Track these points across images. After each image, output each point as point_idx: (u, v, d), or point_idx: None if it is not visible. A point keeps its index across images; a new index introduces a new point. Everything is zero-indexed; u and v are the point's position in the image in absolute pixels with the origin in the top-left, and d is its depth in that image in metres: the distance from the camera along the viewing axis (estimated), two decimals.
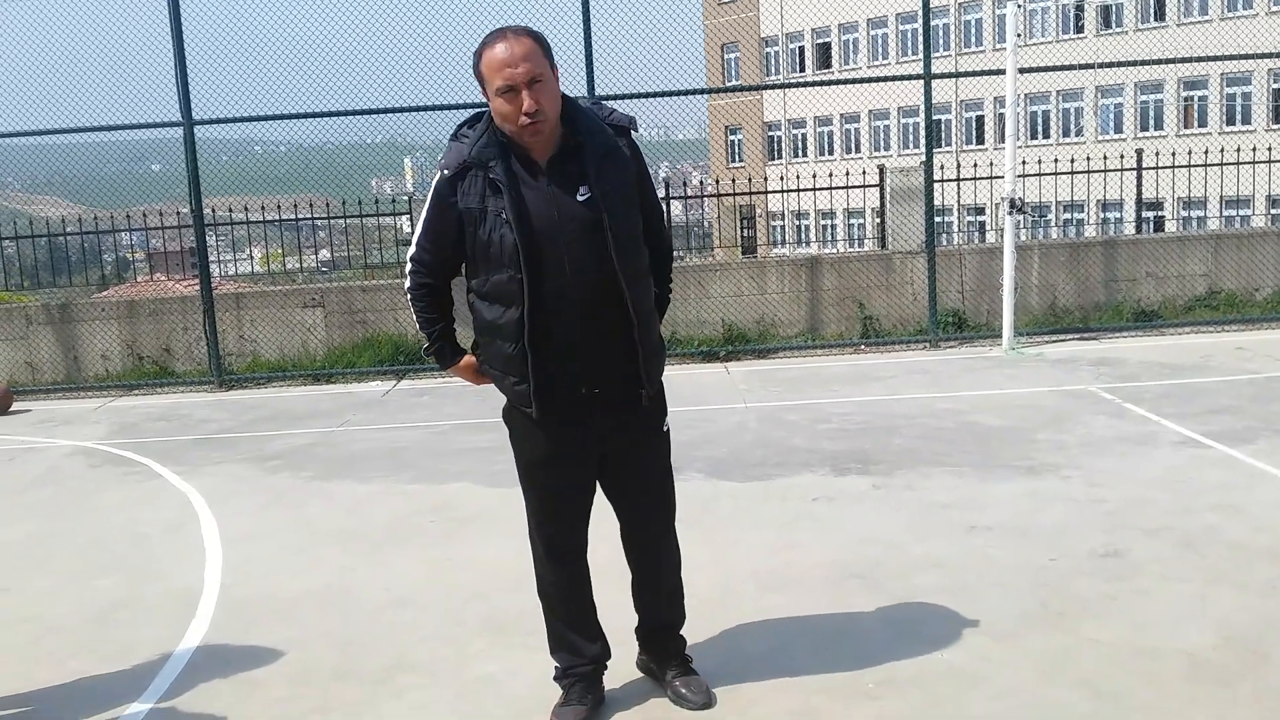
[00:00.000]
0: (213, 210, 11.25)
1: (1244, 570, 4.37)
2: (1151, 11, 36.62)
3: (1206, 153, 11.52)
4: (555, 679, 3.51)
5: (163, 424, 8.88)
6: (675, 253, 14.93)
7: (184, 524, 5.93)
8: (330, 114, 10.71)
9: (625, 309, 3.13)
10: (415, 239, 3.27)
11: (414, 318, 3.38)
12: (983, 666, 3.64)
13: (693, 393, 8.65)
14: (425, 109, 10.79)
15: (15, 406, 9.96)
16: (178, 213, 11.24)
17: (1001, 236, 10.08)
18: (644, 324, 3.19)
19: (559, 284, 3.06)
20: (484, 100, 3.14)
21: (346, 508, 6.08)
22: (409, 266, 3.31)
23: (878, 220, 11.64)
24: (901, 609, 4.18)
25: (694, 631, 3.87)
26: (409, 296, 3.34)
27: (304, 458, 7.33)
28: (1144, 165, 11.60)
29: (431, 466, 6.86)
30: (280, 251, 16.31)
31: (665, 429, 3.44)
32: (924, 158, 10.52)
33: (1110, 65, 10.75)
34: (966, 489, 5.70)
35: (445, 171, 3.13)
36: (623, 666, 3.64)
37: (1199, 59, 12.18)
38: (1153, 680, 3.49)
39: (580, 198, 3.07)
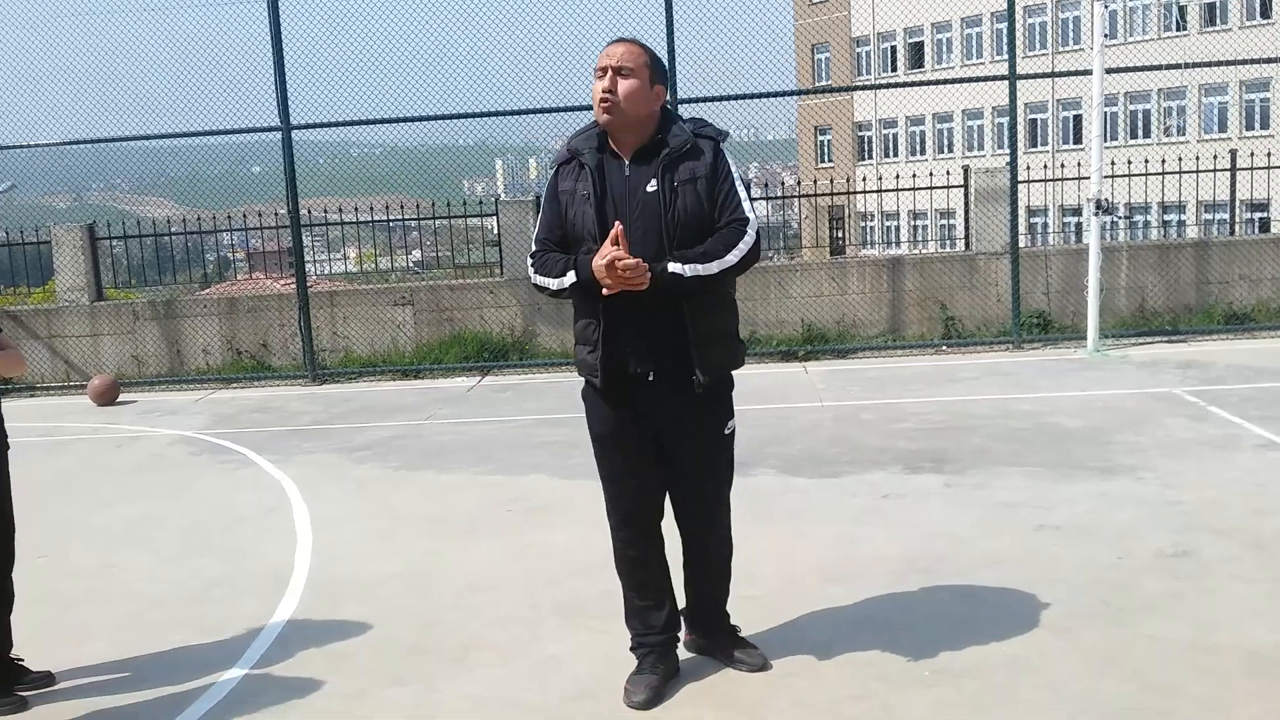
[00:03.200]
0: (309, 211, 11.68)
1: None
2: (1257, 8, 35.44)
3: None
4: (631, 648, 3.71)
5: (259, 415, 9.27)
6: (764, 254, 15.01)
7: (277, 509, 6.23)
8: (421, 118, 11.07)
9: (679, 303, 3.35)
10: (534, 234, 3.57)
11: (546, 281, 3.42)
12: (1037, 658, 3.70)
13: (770, 391, 8.74)
14: (515, 113, 11.09)
15: (122, 397, 10.47)
16: (275, 214, 11.68)
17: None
18: (697, 312, 3.38)
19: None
20: (572, 105, 3.47)
21: (429, 496, 6.33)
22: (532, 251, 3.52)
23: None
24: (962, 602, 4.25)
25: (757, 619, 4.02)
26: (533, 270, 3.48)
27: (390, 449, 7.61)
28: (1238, 166, 11.34)
29: (511, 459, 7.08)
30: (373, 251, 16.77)
31: (727, 431, 3.60)
32: (1010, 158, 10.45)
33: (1189, 65, 10.58)
34: (1038, 489, 5.71)
35: (555, 165, 3.55)
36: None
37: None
38: (1208, 674, 3.51)
39: (649, 188, 3.38)
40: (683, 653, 3.79)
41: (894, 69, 44.07)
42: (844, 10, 44.50)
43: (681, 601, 3.81)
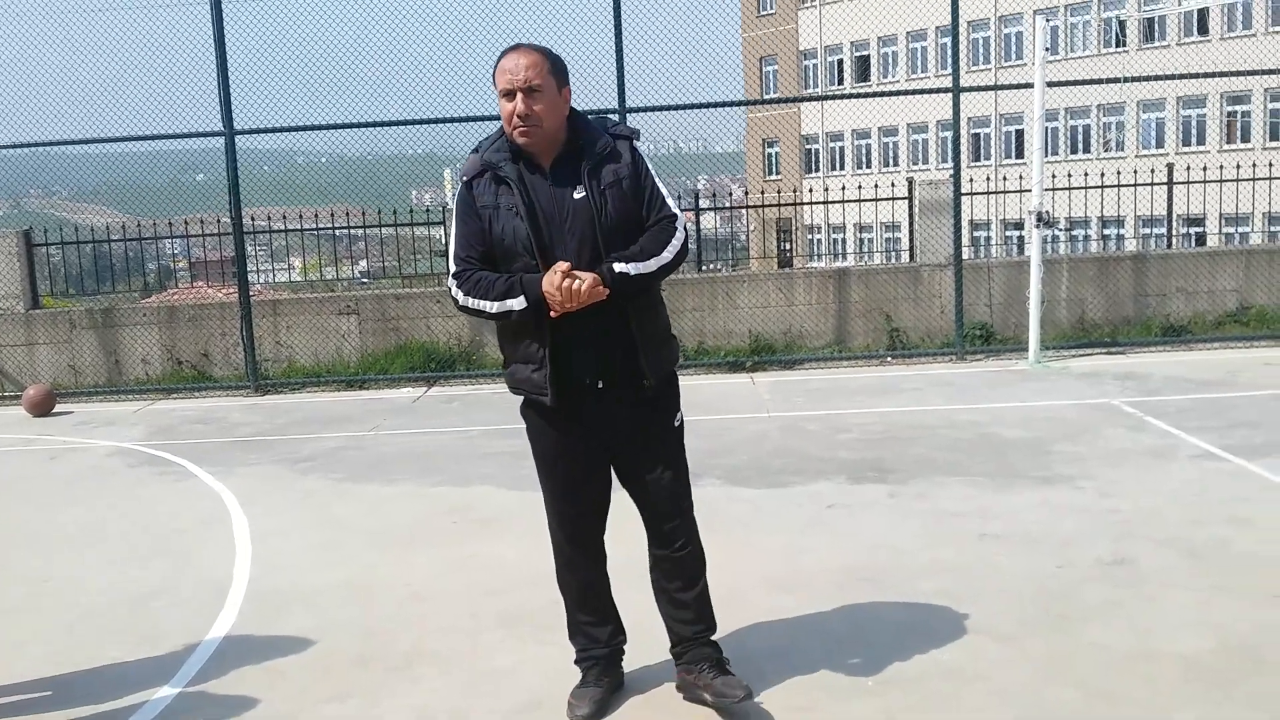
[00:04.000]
0: (252, 219, 11.51)
1: (1249, 580, 4.42)
2: (1195, 26, 36.31)
3: (1238, 168, 11.48)
4: (575, 662, 3.68)
5: (199, 426, 9.11)
6: (708, 265, 15.11)
7: (216, 521, 6.13)
8: (365, 125, 10.95)
9: (624, 308, 3.30)
10: (452, 251, 3.42)
11: (481, 304, 3.32)
12: (982, 666, 3.73)
13: (716, 402, 8.76)
14: (461, 120, 11.01)
15: (57, 408, 10.24)
16: (218, 221, 11.51)
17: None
18: (640, 315, 3.36)
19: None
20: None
21: (373, 507, 6.26)
22: (453, 271, 3.38)
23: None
24: (906, 612, 4.27)
25: None
26: (461, 292, 3.36)
27: (334, 460, 7.52)
28: (1175, 180, 11.59)
29: (457, 470, 7.02)
30: (319, 261, 16.60)
31: (676, 424, 3.55)
32: (953, 170, 10.59)
33: (1128, 80, 10.74)
34: (980, 498, 5.78)
35: (464, 178, 3.40)
36: (635, 653, 3.76)
37: (1235, 73, 12.15)
38: (1148, 682, 3.57)
39: (576, 195, 3.32)
40: (628, 664, 3.77)
41: (841, 82, 44.52)
42: (791, 23, 44.92)
43: (645, 613, 3.74)
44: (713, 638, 3.62)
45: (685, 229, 3.40)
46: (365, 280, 18.15)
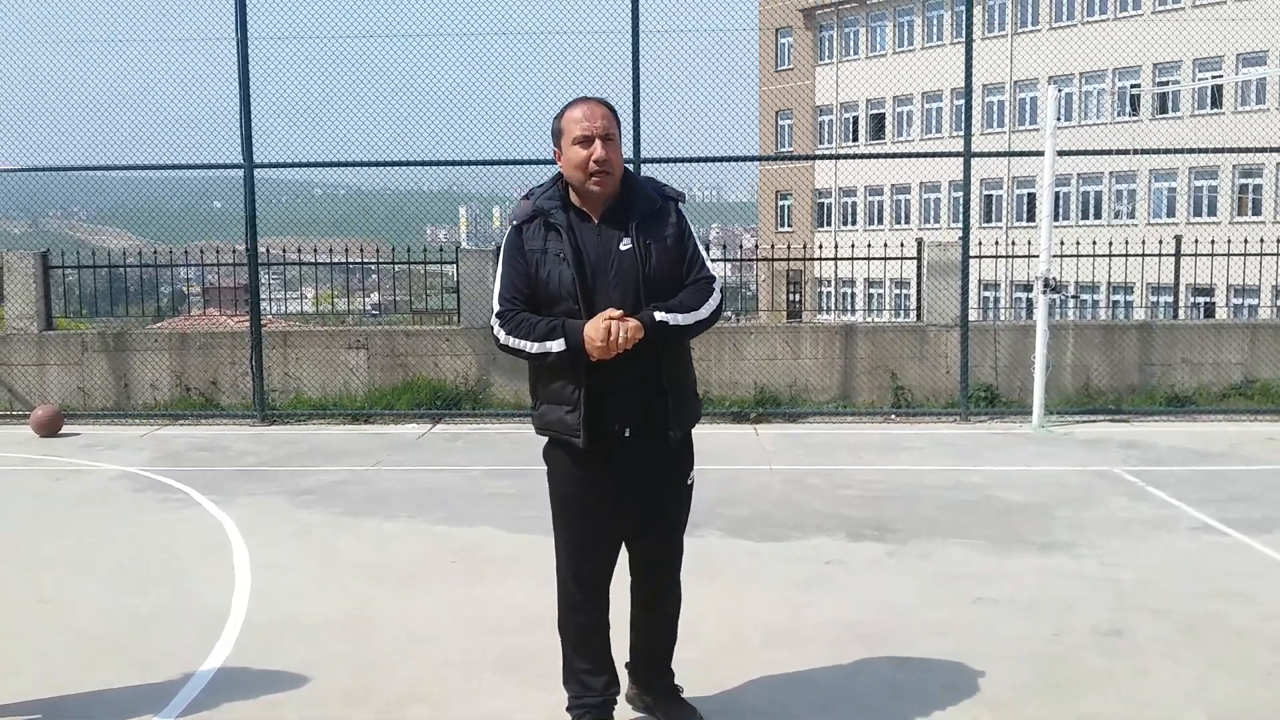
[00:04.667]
0: (267, 250, 11.62)
1: (1244, 656, 4.42)
2: (1208, 99, 36.64)
3: (1246, 242, 11.55)
4: (568, 709, 3.70)
5: (204, 454, 9.15)
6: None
7: (216, 550, 6.15)
8: (381, 164, 11.12)
9: (656, 358, 3.42)
10: (498, 292, 3.49)
11: (522, 344, 3.39)
12: None
13: (720, 452, 8.78)
14: (479, 163, 11.18)
15: (65, 429, 10.30)
16: (234, 250, 11.62)
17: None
18: (673, 368, 3.49)
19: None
20: (539, 158, 3.47)
21: (372, 544, 6.27)
22: (497, 310, 3.46)
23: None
24: (902, 672, 4.28)
25: (698, 681, 4.01)
26: (504, 331, 3.42)
27: (336, 494, 7.54)
28: (1182, 252, 11.66)
29: (459, 509, 7.04)
30: (331, 293, 16.70)
31: (690, 481, 3.68)
32: (962, 233, 10.69)
33: (1139, 152, 10.87)
34: (980, 561, 5.78)
35: (514, 222, 3.52)
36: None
37: (1246, 149, 12.26)
38: None
39: (623, 246, 3.44)
40: (622, 709, 3.78)
41: (855, 138, 44.91)
42: (808, 79, 45.40)
43: (622, 653, 3.81)
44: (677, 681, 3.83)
45: (722, 291, 3.55)
46: (376, 313, 18.25)
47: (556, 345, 3.34)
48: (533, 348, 3.38)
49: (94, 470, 8.52)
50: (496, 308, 3.48)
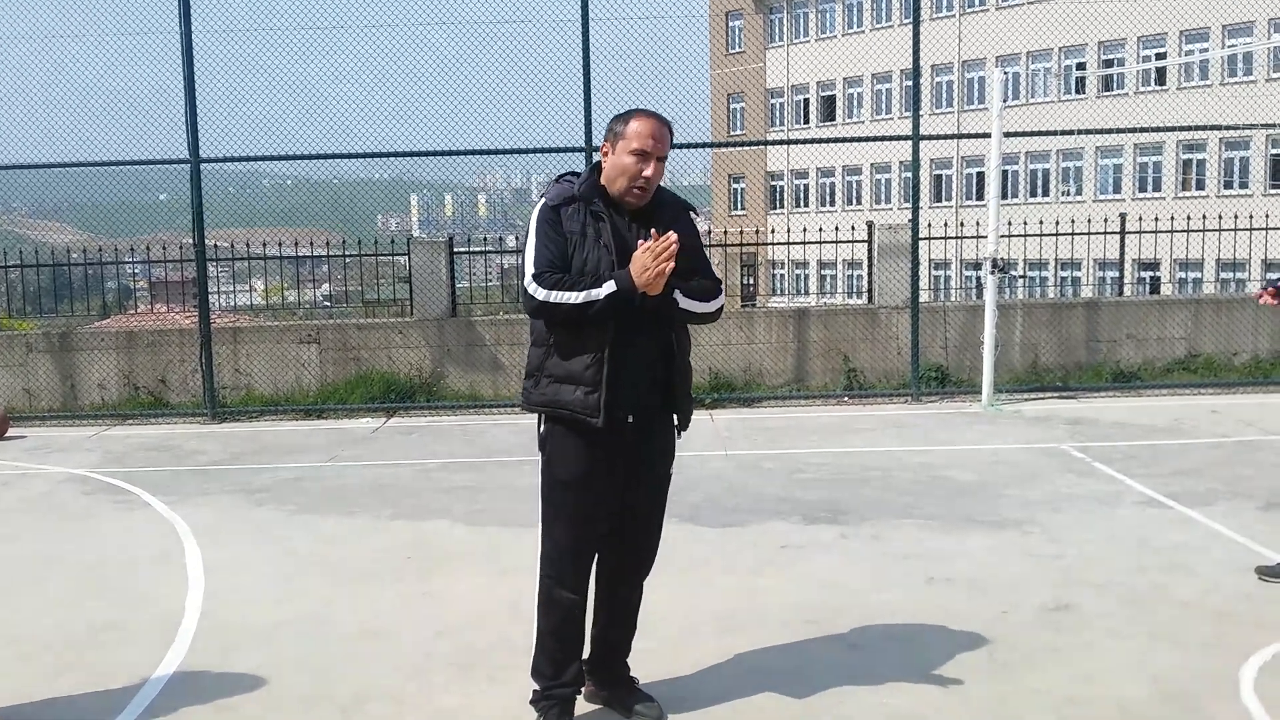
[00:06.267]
0: (215, 245, 11.48)
1: (1188, 629, 4.53)
2: (1152, 76, 37.14)
3: (1189, 218, 11.77)
4: (532, 701, 3.73)
5: (155, 454, 9.05)
6: None
7: (169, 552, 6.10)
8: (329, 155, 11.01)
9: (670, 344, 3.62)
10: (532, 258, 3.54)
11: (564, 296, 3.45)
12: (925, 711, 3.81)
13: None
14: (429, 154, 11.11)
15: (11, 432, 10.14)
16: (180, 245, 11.47)
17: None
18: (682, 360, 3.68)
19: (637, 304, 3.45)
20: (492, 147, 3.49)
21: (328, 540, 6.25)
22: (533, 273, 3.50)
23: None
24: (854, 654, 4.35)
25: (652, 670, 4.05)
26: (542, 289, 3.47)
27: (290, 491, 7.50)
28: (1127, 229, 11.85)
29: (414, 504, 7.03)
30: (281, 285, 16.53)
31: (672, 470, 3.83)
32: (912, 216, 10.79)
33: (1085, 132, 11.06)
34: (930, 541, 5.88)
35: (548, 201, 3.60)
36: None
37: (1184, 128, 12.47)
38: None
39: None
40: (580, 704, 3.81)
41: (806, 121, 45.07)
42: (759, 62, 45.47)
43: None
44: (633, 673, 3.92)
45: (723, 294, 3.74)
46: (328, 304, 18.10)
47: (607, 287, 3.42)
48: (577, 297, 3.44)
49: (42, 474, 8.40)
50: (532, 270, 3.51)
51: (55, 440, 9.85)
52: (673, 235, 3.40)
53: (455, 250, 11.56)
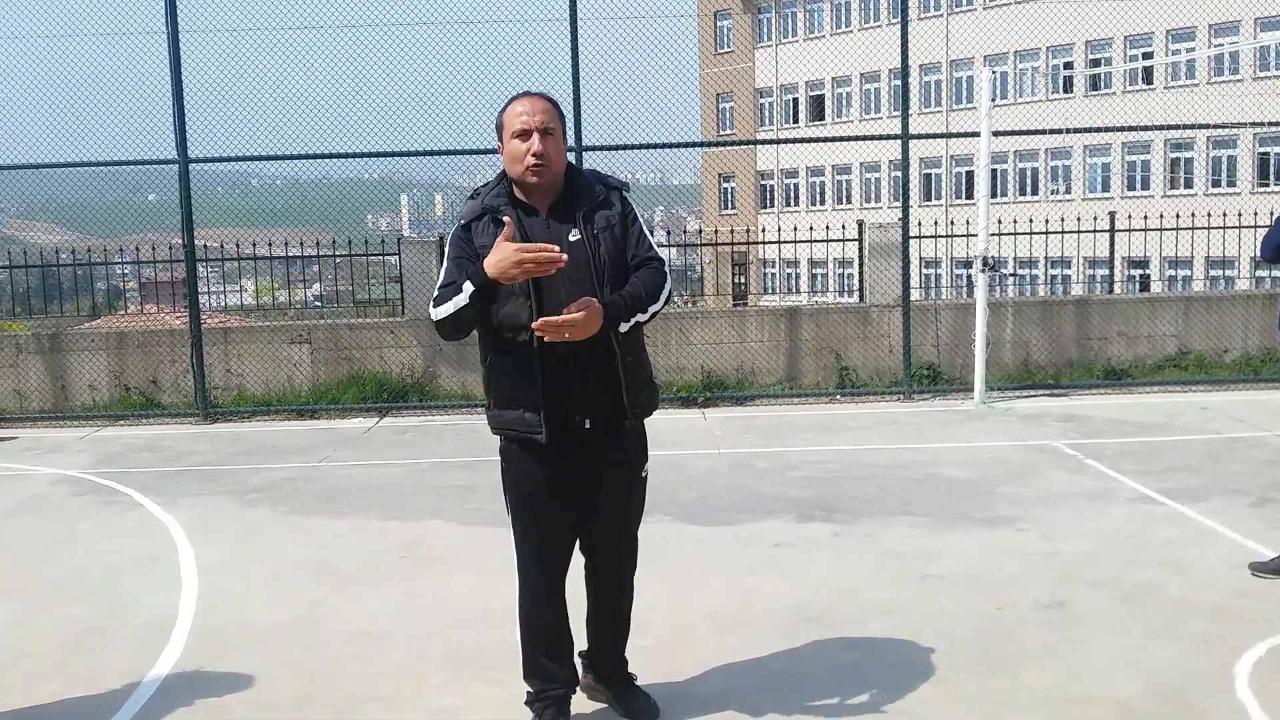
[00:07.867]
0: (205, 246, 11.44)
1: (1181, 625, 4.54)
2: (1140, 76, 37.25)
3: (1178, 216, 11.81)
4: (527, 703, 3.72)
5: (146, 455, 9.01)
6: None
7: (161, 554, 6.07)
8: (318, 155, 10.96)
9: (610, 341, 3.44)
10: (439, 284, 3.47)
11: (445, 307, 3.38)
12: (919, 709, 3.81)
13: (668, 437, 8.80)
14: (418, 154, 11.08)
15: (1, 434, 10.09)
16: (170, 246, 11.42)
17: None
18: (628, 358, 3.53)
19: (558, 312, 3.32)
20: (480, 147, 3.44)
21: (320, 542, 6.23)
22: (432, 300, 3.45)
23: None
24: (849, 652, 4.35)
25: (648, 669, 4.04)
26: (434, 314, 3.42)
27: (282, 492, 7.47)
28: (1116, 228, 11.89)
29: (406, 504, 7.01)
30: (271, 285, 16.48)
31: (644, 474, 3.74)
32: (902, 215, 10.80)
33: (1073, 131, 11.10)
34: (924, 539, 5.88)
35: (460, 221, 3.53)
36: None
37: (1172, 127, 12.53)
38: None
39: (572, 238, 3.46)
40: (580, 701, 3.80)
41: (796, 120, 45.13)
42: (748, 62, 45.51)
43: (579, 645, 3.84)
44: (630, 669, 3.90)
45: (670, 275, 3.60)
46: (319, 304, 18.05)
47: (466, 289, 3.31)
48: (450, 308, 3.36)
49: (33, 475, 8.36)
50: (434, 294, 3.47)
51: (46, 441, 9.80)
52: (552, 249, 3.21)
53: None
